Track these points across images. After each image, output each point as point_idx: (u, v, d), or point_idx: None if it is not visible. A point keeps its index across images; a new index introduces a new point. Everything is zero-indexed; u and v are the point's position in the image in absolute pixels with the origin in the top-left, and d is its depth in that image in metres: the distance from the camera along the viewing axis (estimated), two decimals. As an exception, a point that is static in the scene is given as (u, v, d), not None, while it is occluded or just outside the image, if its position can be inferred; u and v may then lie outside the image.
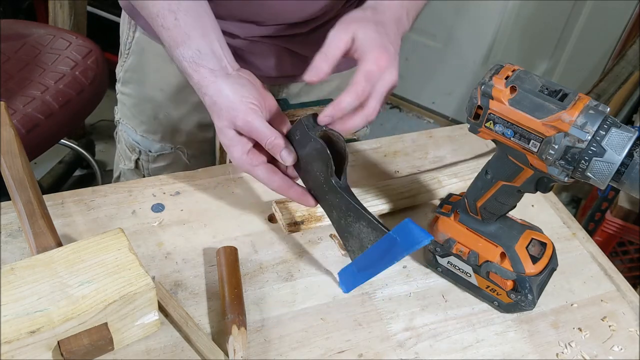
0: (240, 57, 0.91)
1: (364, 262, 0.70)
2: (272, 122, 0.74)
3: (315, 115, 0.71)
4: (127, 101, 1.05)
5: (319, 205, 0.76)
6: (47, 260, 0.64)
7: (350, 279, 0.73)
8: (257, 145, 0.73)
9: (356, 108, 0.70)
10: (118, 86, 1.07)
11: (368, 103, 0.70)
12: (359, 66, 0.70)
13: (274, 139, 0.70)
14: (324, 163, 0.69)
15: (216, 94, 0.72)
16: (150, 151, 1.06)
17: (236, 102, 0.71)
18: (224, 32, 0.91)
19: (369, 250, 0.68)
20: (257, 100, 0.72)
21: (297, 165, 0.73)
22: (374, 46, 0.70)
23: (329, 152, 0.68)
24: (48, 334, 0.59)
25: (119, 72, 1.06)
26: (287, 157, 0.71)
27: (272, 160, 0.74)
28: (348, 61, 1.04)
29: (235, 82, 0.72)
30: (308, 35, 0.93)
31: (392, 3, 0.77)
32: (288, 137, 0.72)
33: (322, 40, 0.96)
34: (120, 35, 1.03)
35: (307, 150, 0.70)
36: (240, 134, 0.72)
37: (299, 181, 0.75)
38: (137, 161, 1.08)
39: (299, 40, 0.93)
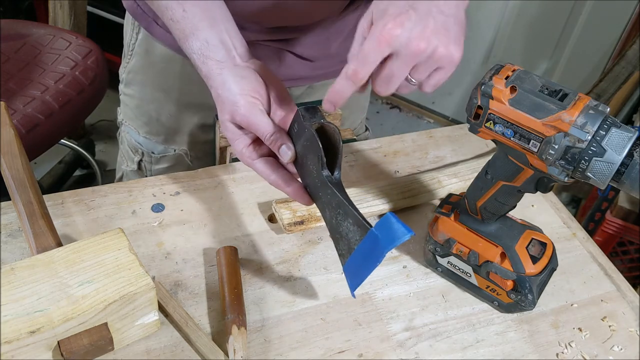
0: None
1: (353, 265, 0.64)
2: (281, 109, 0.72)
3: (314, 107, 0.68)
4: (130, 102, 1.05)
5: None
6: (47, 260, 0.64)
7: (351, 281, 0.67)
8: (259, 139, 0.72)
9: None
10: (121, 87, 1.07)
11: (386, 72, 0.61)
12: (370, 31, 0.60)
13: (271, 135, 0.68)
14: (315, 154, 0.65)
15: (220, 87, 0.71)
16: (153, 152, 1.06)
17: (237, 95, 0.69)
18: None
19: (355, 251, 0.63)
20: (258, 92, 0.70)
21: (296, 161, 0.70)
22: (384, 15, 0.59)
23: (319, 142, 0.64)
24: (48, 334, 0.59)
25: (122, 73, 1.05)
26: (285, 153, 0.69)
27: (274, 154, 0.72)
28: None
29: (239, 73, 0.71)
30: (312, 38, 0.93)
31: None
32: (289, 132, 0.70)
33: (325, 44, 0.96)
34: (124, 36, 1.03)
35: (302, 142, 0.68)
36: (241, 127, 0.71)
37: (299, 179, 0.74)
38: (139, 162, 1.08)
39: (303, 44, 0.93)
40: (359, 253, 0.62)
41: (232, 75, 0.71)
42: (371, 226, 0.60)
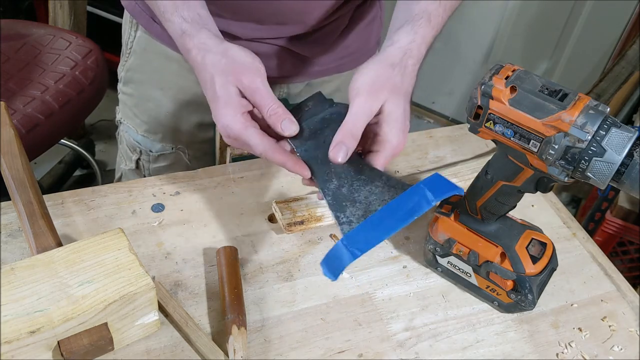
0: None
1: (371, 226, 0.61)
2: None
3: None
4: (128, 101, 1.05)
5: (318, 205, 0.76)
6: (47, 260, 0.64)
7: (341, 257, 0.61)
8: (253, 115, 0.70)
9: None
10: (119, 86, 1.07)
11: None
12: (382, 147, 0.67)
13: (277, 107, 0.66)
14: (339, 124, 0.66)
15: (225, 51, 0.69)
16: (151, 151, 1.06)
17: (248, 60, 0.68)
18: (225, 33, 0.91)
19: (379, 211, 0.61)
20: (261, 64, 0.69)
21: (296, 138, 0.69)
22: (398, 131, 0.67)
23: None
24: (48, 334, 0.59)
25: (121, 71, 1.06)
26: (289, 127, 0.66)
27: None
28: (350, 62, 1.04)
29: (238, 46, 0.70)
30: (309, 35, 0.93)
31: (421, 49, 0.72)
32: (296, 111, 0.70)
33: (323, 41, 0.96)
34: (122, 34, 1.03)
35: (323, 115, 0.69)
36: (241, 96, 0.68)
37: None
38: (137, 161, 1.08)
39: (300, 41, 0.93)
40: (387, 211, 0.61)
41: (235, 45, 0.70)
42: (409, 185, 0.62)
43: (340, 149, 0.64)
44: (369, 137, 0.69)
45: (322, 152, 0.67)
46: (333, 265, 0.61)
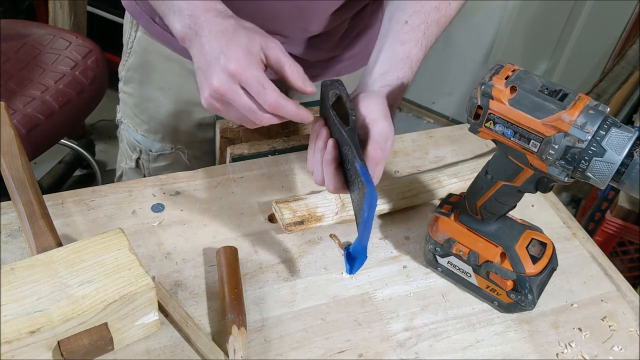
0: None
1: (363, 224, 0.66)
2: None
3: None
4: (128, 100, 1.06)
5: (318, 205, 0.76)
6: (47, 260, 0.64)
7: (358, 254, 0.70)
8: None
9: None
10: (120, 85, 1.07)
11: None
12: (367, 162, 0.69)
13: (297, 64, 0.69)
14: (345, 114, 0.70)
15: (244, 21, 0.70)
16: (150, 151, 1.06)
17: (264, 32, 0.70)
18: None
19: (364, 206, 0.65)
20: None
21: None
22: (388, 136, 0.70)
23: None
24: (48, 334, 0.59)
25: (121, 71, 1.06)
26: (308, 84, 0.69)
27: None
28: (350, 66, 1.04)
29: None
30: (309, 39, 0.93)
31: (399, 96, 0.76)
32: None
33: (323, 44, 0.96)
34: (123, 34, 1.03)
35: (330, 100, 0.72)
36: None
37: None
38: (137, 160, 1.08)
39: (300, 45, 0.93)
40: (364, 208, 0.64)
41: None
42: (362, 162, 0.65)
43: (378, 166, 0.69)
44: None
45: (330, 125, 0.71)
46: (355, 263, 0.71)
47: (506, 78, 0.62)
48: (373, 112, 0.70)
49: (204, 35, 0.68)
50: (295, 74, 0.69)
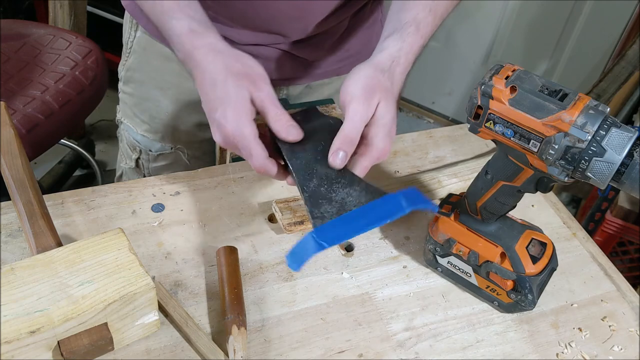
0: None
1: (342, 223, 0.64)
2: None
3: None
4: (128, 100, 1.06)
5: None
6: (47, 260, 0.64)
7: (307, 248, 0.64)
8: None
9: None
10: (120, 85, 1.07)
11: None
12: (367, 150, 0.68)
13: (281, 113, 0.68)
14: (330, 135, 0.68)
15: (238, 56, 0.70)
16: (150, 150, 1.06)
17: (257, 67, 0.69)
18: (225, 39, 0.91)
19: (353, 211, 0.64)
20: (267, 75, 0.70)
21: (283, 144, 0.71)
22: (384, 135, 0.68)
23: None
24: (48, 334, 0.59)
25: (121, 71, 1.06)
26: (291, 131, 0.67)
27: None
28: (350, 65, 1.04)
29: (248, 54, 0.71)
30: (309, 39, 0.93)
31: (408, 57, 0.73)
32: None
33: (323, 44, 0.96)
34: (123, 34, 1.03)
35: (312, 126, 0.71)
36: (251, 102, 0.69)
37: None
38: (137, 160, 1.08)
39: (300, 44, 0.93)
40: (360, 213, 0.64)
41: (243, 52, 0.71)
42: (385, 192, 0.64)
43: (338, 154, 0.65)
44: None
45: (310, 158, 0.69)
46: (298, 256, 0.63)
47: (506, 78, 0.62)
48: (349, 93, 0.68)
49: (198, 80, 0.71)
50: (277, 124, 0.67)
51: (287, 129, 0.67)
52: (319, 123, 0.72)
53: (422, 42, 0.74)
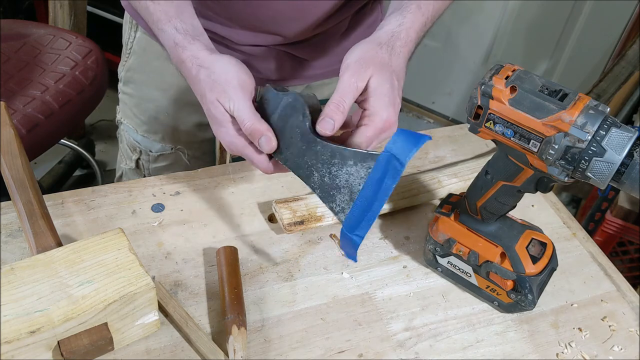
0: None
1: (361, 206, 0.63)
2: None
3: (280, 85, 0.71)
4: (128, 101, 1.06)
5: (318, 205, 0.76)
6: (47, 260, 0.64)
7: (350, 241, 0.65)
8: None
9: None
10: (120, 86, 1.07)
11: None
12: (369, 120, 0.67)
13: (253, 123, 0.66)
14: (299, 114, 0.66)
15: (212, 65, 0.69)
16: (150, 151, 1.06)
17: (231, 74, 0.68)
18: (223, 38, 0.91)
19: (362, 190, 0.63)
20: (249, 78, 0.69)
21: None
22: (386, 105, 0.67)
23: (303, 100, 0.66)
24: (48, 334, 0.59)
25: (121, 71, 1.06)
26: (265, 144, 0.66)
27: None
28: None
29: (229, 59, 0.70)
30: (308, 39, 0.93)
31: (409, 33, 0.72)
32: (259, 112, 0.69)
33: (322, 44, 0.96)
34: (123, 35, 1.03)
35: (279, 112, 0.68)
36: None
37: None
38: (137, 161, 1.08)
39: (299, 44, 0.93)
40: (369, 188, 0.63)
41: (223, 57, 0.70)
42: (378, 153, 0.62)
43: (328, 122, 0.65)
44: (358, 114, 0.70)
45: (296, 149, 0.67)
46: (348, 253, 0.66)
47: (506, 78, 0.62)
48: (343, 66, 0.68)
49: (190, 84, 0.72)
50: (251, 136, 0.67)
51: (260, 140, 0.67)
52: (282, 107, 0.68)
53: (423, 20, 0.74)
